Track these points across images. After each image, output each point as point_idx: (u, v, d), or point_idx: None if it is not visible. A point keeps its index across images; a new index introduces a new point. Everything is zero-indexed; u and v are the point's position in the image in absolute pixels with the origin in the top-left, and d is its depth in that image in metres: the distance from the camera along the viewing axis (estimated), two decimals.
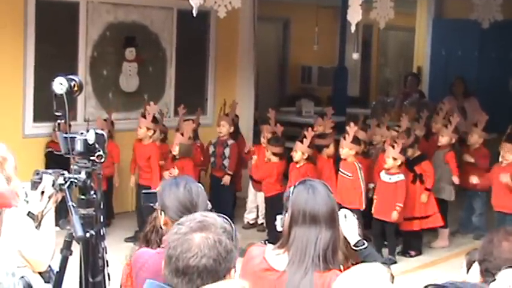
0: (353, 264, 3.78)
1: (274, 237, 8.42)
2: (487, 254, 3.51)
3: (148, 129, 9.50)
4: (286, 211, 3.64)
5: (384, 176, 9.01)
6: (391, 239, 9.17)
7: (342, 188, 9.05)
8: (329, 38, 16.09)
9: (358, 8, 8.22)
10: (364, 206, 9.00)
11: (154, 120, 9.64)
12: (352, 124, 9.32)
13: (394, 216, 8.93)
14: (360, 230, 4.08)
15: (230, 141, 10.35)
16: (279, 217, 3.70)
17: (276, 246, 3.65)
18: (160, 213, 3.95)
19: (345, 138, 9.13)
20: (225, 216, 2.92)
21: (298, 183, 3.71)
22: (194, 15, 7.13)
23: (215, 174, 10.41)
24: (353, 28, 8.37)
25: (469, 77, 13.24)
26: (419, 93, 14.18)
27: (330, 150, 9.71)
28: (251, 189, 10.42)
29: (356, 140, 9.13)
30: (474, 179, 9.67)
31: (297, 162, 9.34)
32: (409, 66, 17.47)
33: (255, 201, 10.40)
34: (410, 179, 9.22)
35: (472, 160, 9.91)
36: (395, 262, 8.98)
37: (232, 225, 2.88)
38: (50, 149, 9.69)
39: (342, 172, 9.16)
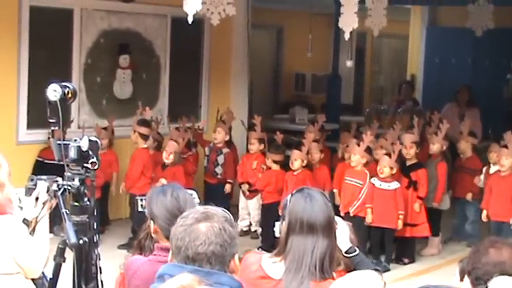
0: (345, 272, 3.77)
1: (268, 244, 8.48)
2: (476, 263, 3.51)
3: (134, 131, 9.52)
4: (284, 219, 3.64)
5: (382, 184, 8.97)
6: (390, 246, 9.18)
7: (348, 196, 9.09)
8: (323, 46, 16.10)
9: (353, 15, 8.23)
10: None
11: (142, 123, 9.63)
12: (368, 133, 9.33)
13: (400, 224, 8.95)
14: (354, 237, 4.07)
15: (225, 150, 10.37)
16: (277, 223, 3.71)
17: (273, 254, 3.65)
18: (150, 222, 3.95)
19: (358, 145, 9.11)
20: (222, 208, 3.11)
21: (295, 191, 3.69)
22: (189, 22, 7.13)
23: (208, 180, 10.44)
24: (347, 36, 8.37)
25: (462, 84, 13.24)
26: (413, 100, 14.20)
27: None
28: (242, 197, 10.42)
29: (368, 149, 9.12)
30: (468, 196, 9.89)
31: (293, 170, 9.34)
32: (402, 73, 17.51)
33: (246, 209, 10.40)
34: (404, 185, 9.22)
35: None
36: (388, 270, 8.99)
37: (230, 215, 3.08)
38: (39, 159, 9.66)
39: (350, 180, 9.12)
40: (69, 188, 3.76)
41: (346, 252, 3.89)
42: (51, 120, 3.79)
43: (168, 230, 3.80)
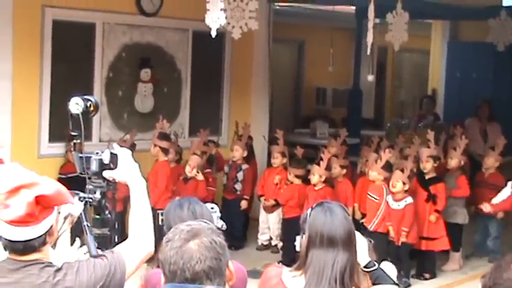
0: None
1: (289, 258, 8.46)
2: (497, 278, 3.50)
3: (155, 145, 9.54)
4: (304, 233, 3.63)
5: (392, 204, 8.96)
6: (405, 261, 9.13)
7: (369, 211, 9.10)
8: (344, 60, 16.12)
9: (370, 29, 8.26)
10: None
11: (163, 137, 9.64)
12: (387, 150, 9.31)
13: (402, 241, 8.93)
14: (373, 252, 4.05)
15: (244, 166, 10.37)
16: (298, 237, 3.70)
17: (293, 268, 3.64)
18: None
19: (376, 162, 9.10)
20: (206, 221, 3.10)
21: (315, 205, 3.69)
22: (213, 36, 7.15)
23: (226, 196, 10.42)
24: (368, 50, 8.38)
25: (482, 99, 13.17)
26: (434, 115, 14.16)
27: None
28: (262, 211, 10.41)
29: (388, 167, 9.08)
30: (486, 207, 9.66)
31: (314, 185, 9.34)
32: (424, 88, 17.47)
33: (266, 223, 10.39)
34: (424, 198, 9.19)
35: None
36: (409, 285, 8.95)
37: (213, 225, 3.08)
38: (60, 175, 9.56)
39: (369, 195, 9.12)
40: (91, 200, 3.77)
41: (365, 267, 3.87)
42: (73, 134, 3.80)
43: None
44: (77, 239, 3.58)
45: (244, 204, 10.34)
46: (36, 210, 3.07)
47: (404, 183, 8.88)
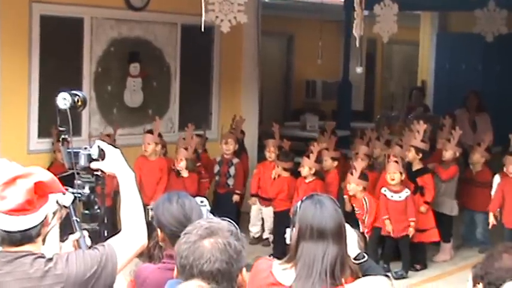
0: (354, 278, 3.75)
1: (280, 252, 8.46)
2: (489, 267, 3.52)
3: (156, 144, 9.50)
4: (294, 226, 3.63)
5: (392, 195, 8.94)
6: (407, 254, 9.13)
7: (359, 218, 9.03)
8: (333, 53, 16.10)
9: (360, 22, 8.25)
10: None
11: (159, 134, 9.66)
12: (359, 160, 9.26)
13: (411, 232, 8.92)
14: (361, 244, 4.06)
15: (235, 160, 10.32)
16: (288, 230, 3.69)
17: (283, 260, 3.63)
18: (158, 230, 3.98)
19: (352, 173, 9.00)
20: (227, 219, 3.04)
21: (305, 198, 3.68)
22: (202, 29, 7.14)
23: (218, 191, 10.39)
24: (357, 42, 8.38)
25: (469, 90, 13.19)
26: (423, 107, 14.17)
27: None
28: (254, 206, 10.37)
29: (363, 176, 8.99)
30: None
31: (305, 178, 9.33)
32: (413, 80, 17.50)
33: (257, 216, 10.37)
34: (411, 190, 9.19)
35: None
36: (404, 277, 8.95)
37: (236, 226, 3.01)
38: None
39: (356, 210, 9.02)
40: (80, 196, 3.76)
41: (354, 259, 3.87)
42: (61, 129, 3.79)
43: (175, 237, 3.81)
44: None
45: (236, 197, 10.31)
46: (35, 197, 3.13)
47: (401, 173, 8.88)
